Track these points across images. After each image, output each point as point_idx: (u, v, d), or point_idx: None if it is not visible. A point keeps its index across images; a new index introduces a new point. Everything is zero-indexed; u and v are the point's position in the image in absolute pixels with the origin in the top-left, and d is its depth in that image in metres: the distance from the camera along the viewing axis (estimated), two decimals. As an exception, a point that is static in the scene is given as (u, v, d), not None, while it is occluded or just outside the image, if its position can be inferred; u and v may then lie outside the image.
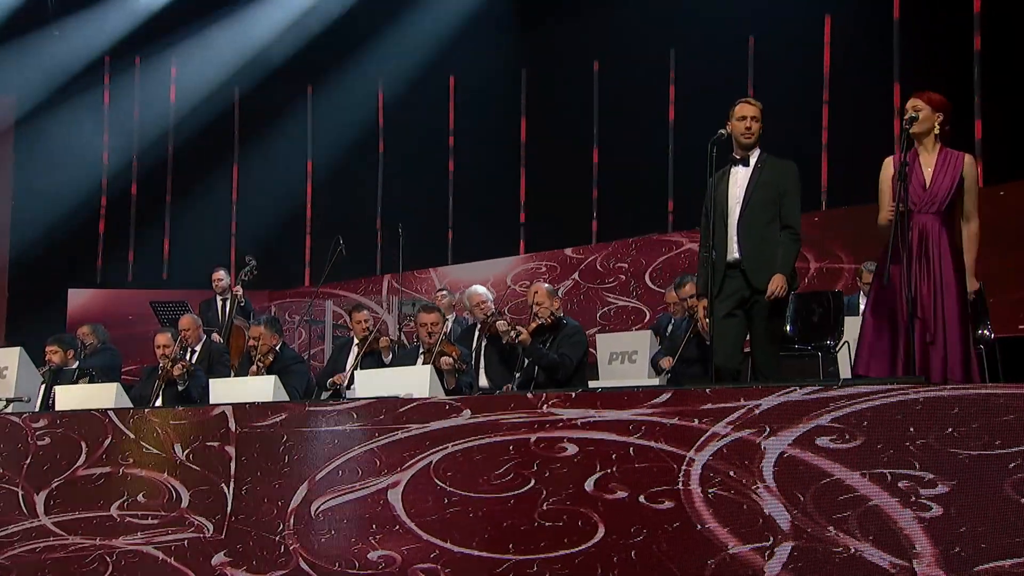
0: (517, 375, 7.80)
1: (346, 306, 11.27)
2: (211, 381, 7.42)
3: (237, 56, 14.52)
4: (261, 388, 6.88)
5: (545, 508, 5.21)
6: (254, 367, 8.34)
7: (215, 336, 10.35)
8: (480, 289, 8.51)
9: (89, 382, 8.46)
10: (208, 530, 6.17)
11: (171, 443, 6.37)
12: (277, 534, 5.92)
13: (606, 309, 11.68)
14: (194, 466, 6.30)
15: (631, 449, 5.05)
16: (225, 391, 7.02)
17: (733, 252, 5.94)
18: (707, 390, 5.03)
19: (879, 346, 5.44)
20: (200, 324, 9.72)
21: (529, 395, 5.48)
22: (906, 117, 5.54)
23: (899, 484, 4.48)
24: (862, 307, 7.65)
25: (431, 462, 5.56)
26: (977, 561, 4.32)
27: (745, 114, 6.02)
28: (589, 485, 5.11)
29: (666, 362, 7.81)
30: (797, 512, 4.64)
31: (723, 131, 6.00)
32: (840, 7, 12.10)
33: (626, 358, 8.61)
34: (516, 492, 5.29)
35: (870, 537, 4.51)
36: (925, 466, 4.45)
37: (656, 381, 7.95)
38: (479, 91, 14.24)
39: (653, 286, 11.46)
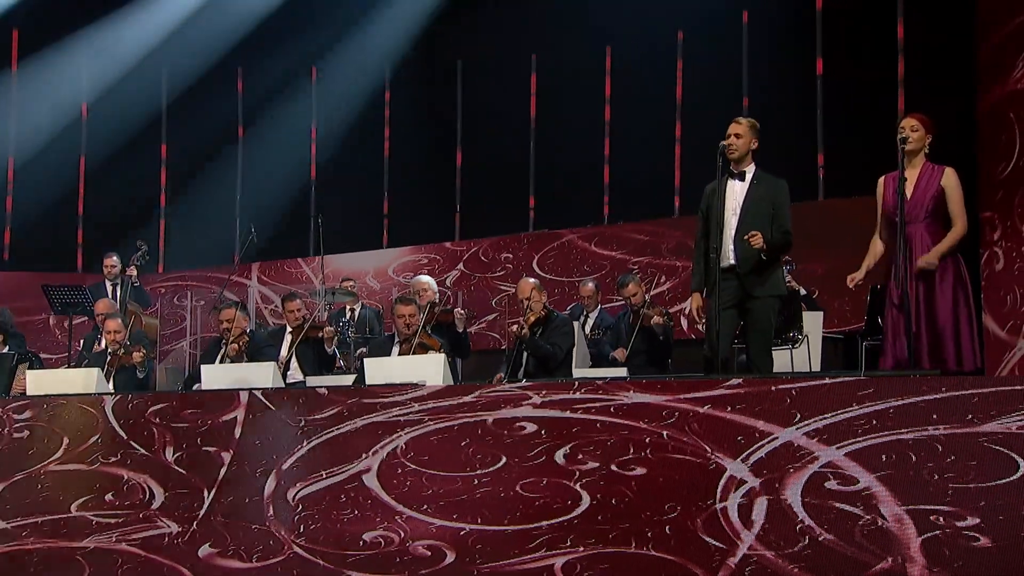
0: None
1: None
2: (203, 367, 7.45)
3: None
4: (263, 375, 6.93)
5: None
6: (233, 346, 8.42)
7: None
8: (424, 278, 8.84)
9: (30, 367, 8.30)
10: (174, 529, 6.13)
11: (163, 447, 6.34)
12: (260, 524, 5.99)
13: (500, 296, 12.11)
14: (180, 469, 6.27)
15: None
16: (222, 377, 7.10)
17: (729, 258, 6.49)
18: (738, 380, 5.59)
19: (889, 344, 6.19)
20: (117, 307, 9.65)
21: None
22: (902, 136, 6.19)
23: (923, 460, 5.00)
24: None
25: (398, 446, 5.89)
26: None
27: (729, 131, 6.59)
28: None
29: (620, 353, 8.41)
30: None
31: (723, 143, 6.57)
32: (693, 23, 12.72)
33: (554, 346, 9.10)
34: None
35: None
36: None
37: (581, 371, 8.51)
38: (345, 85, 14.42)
39: (543, 272, 12.02)
